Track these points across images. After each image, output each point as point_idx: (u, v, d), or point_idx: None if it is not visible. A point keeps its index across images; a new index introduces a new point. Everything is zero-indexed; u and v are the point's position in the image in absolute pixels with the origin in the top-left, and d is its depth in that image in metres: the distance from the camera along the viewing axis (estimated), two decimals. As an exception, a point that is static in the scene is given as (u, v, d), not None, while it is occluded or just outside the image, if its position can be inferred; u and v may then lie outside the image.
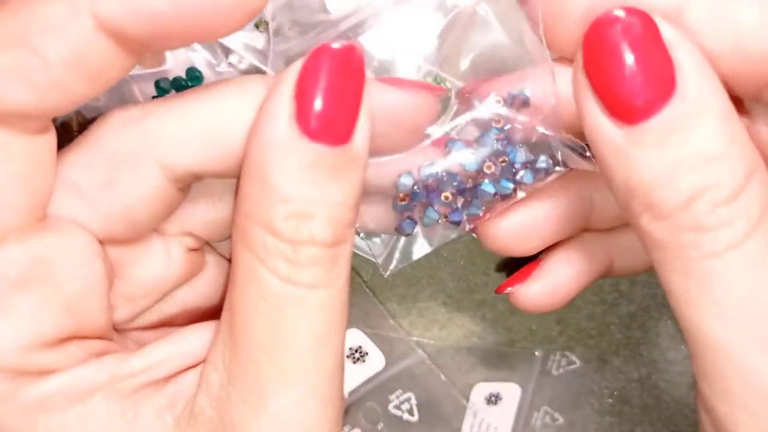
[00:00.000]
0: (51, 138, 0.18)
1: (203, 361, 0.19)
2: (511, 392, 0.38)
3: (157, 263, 0.21)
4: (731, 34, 0.16)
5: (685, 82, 0.16)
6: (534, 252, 0.24)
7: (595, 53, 0.16)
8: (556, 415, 0.38)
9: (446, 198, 0.21)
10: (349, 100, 0.17)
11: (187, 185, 0.20)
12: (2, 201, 0.17)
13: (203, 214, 0.21)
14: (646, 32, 0.16)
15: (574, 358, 0.38)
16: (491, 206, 0.22)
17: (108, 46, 0.16)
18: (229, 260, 0.23)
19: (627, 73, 0.16)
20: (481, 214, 0.21)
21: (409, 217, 0.22)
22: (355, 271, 0.36)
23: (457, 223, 0.21)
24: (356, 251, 0.35)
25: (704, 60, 0.16)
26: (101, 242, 0.19)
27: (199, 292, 0.23)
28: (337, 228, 0.17)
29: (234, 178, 0.19)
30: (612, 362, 0.38)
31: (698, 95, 0.16)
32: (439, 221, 0.21)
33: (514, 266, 0.26)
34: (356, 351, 0.36)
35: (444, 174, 0.21)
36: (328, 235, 0.17)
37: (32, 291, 0.17)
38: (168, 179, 0.19)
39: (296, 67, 0.17)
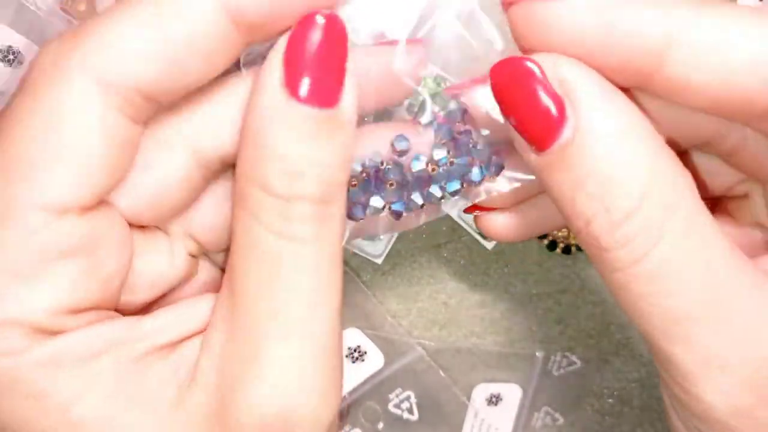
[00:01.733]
0: (140, 134, 0.19)
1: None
2: (511, 393, 0.37)
3: (162, 259, 0.22)
4: (720, 72, 0.17)
5: (576, 113, 0.17)
6: (526, 238, 0.25)
7: (500, 98, 0.19)
8: (557, 415, 0.38)
9: (390, 185, 0.22)
10: (333, 65, 0.18)
11: (212, 173, 0.21)
12: (85, 179, 0.18)
13: (208, 219, 0.22)
14: (529, 76, 0.18)
15: (574, 358, 0.38)
16: (434, 201, 0.23)
17: (227, 27, 0.18)
18: (223, 270, 0.23)
19: (523, 112, 0.18)
20: (420, 204, 0.22)
21: (357, 203, 0.22)
22: (354, 271, 0.36)
23: (399, 214, 0.22)
24: (356, 251, 0.35)
25: (601, 91, 0.18)
26: None
27: (188, 296, 0.23)
28: (326, 186, 0.18)
29: None
30: (612, 362, 0.38)
31: (588, 124, 0.17)
32: (384, 209, 0.22)
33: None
34: (355, 350, 0.36)
35: (389, 165, 0.22)
36: (318, 192, 0.18)
37: (79, 262, 0.18)
38: (198, 164, 0.20)
39: (285, 37, 0.18)
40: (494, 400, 0.37)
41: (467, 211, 0.25)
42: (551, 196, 0.19)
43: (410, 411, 0.37)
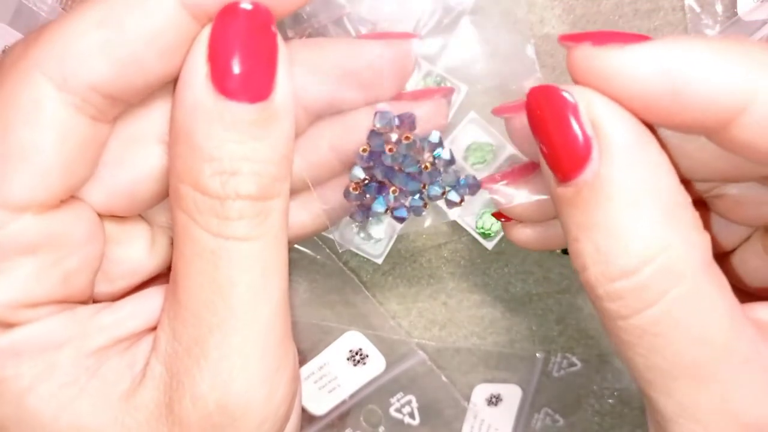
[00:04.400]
0: (107, 133, 0.19)
1: None
2: (511, 393, 0.37)
3: (141, 248, 0.22)
4: None
5: (601, 158, 0.17)
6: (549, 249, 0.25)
7: (532, 123, 0.18)
8: (557, 416, 0.38)
9: (394, 191, 0.22)
10: (261, 57, 0.17)
11: None
12: (41, 178, 0.18)
13: None
14: (563, 109, 0.17)
15: (574, 359, 0.38)
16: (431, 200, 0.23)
17: (187, 21, 0.17)
18: None
19: (551, 142, 0.18)
20: (422, 206, 0.23)
21: (361, 206, 0.22)
22: (354, 272, 0.36)
23: (401, 219, 0.23)
24: (356, 251, 0.35)
25: (631, 141, 0.17)
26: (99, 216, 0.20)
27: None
28: (263, 182, 0.18)
29: None
30: (612, 362, 0.38)
31: (609, 173, 0.17)
32: (387, 212, 0.23)
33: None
34: (357, 353, 0.36)
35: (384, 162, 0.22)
36: (254, 189, 0.18)
37: (37, 258, 0.18)
38: None
39: (206, 30, 0.17)
40: (494, 400, 0.37)
41: (494, 215, 0.25)
42: (562, 226, 0.19)
43: (411, 415, 0.37)
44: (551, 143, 0.18)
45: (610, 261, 0.17)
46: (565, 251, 0.36)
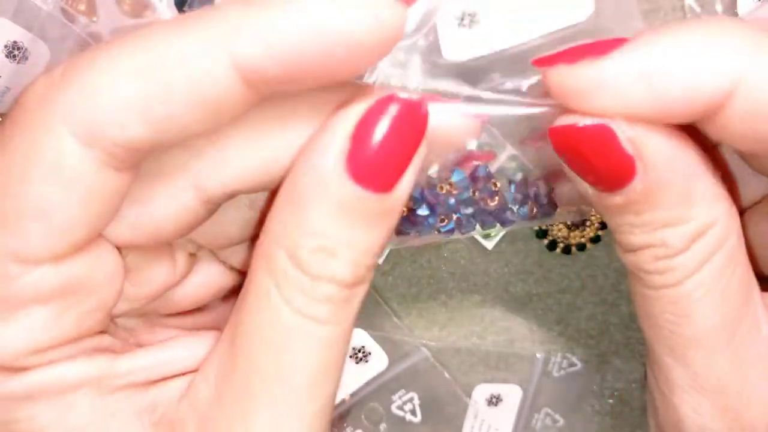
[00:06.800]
0: (132, 178, 0.18)
1: (193, 371, 0.19)
2: (511, 393, 0.37)
3: (164, 269, 0.21)
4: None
5: (645, 169, 0.17)
6: None
7: (566, 156, 0.18)
8: (557, 416, 0.38)
9: (442, 220, 0.22)
10: (403, 152, 0.17)
11: (216, 206, 0.20)
12: (59, 233, 0.17)
13: (208, 226, 0.21)
14: (601, 136, 0.17)
15: (575, 360, 0.38)
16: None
17: (236, 86, 0.16)
18: (222, 263, 0.23)
19: (589, 170, 0.18)
20: (474, 231, 0.23)
21: (406, 219, 0.22)
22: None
23: (450, 231, 0.22)
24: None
25: (667, 147, 0.18)
26: (118, 247, 0.19)
27: (185, 297, 0.23)
28: (359, 272, 0.18)
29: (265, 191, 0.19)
30: (612, 363, 0.38)
31: (655, 178, 0.18)
32: (434, 230, 0.22)
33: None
34: (359, 351, 0.36)
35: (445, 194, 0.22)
36: (349, 276, 0.17)
37: (53, 305, 0.18)
38: (200, 201, 0.19)
39: (360, 107, 0.17)
40: (494, 400, 0.37)
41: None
42: (606, 219, 0.19)
43: (413, 413, 0.37)
44: (593, 172, 0.18)
45: (668, 244, 0.18)
46: (564, 251, 0.36)
